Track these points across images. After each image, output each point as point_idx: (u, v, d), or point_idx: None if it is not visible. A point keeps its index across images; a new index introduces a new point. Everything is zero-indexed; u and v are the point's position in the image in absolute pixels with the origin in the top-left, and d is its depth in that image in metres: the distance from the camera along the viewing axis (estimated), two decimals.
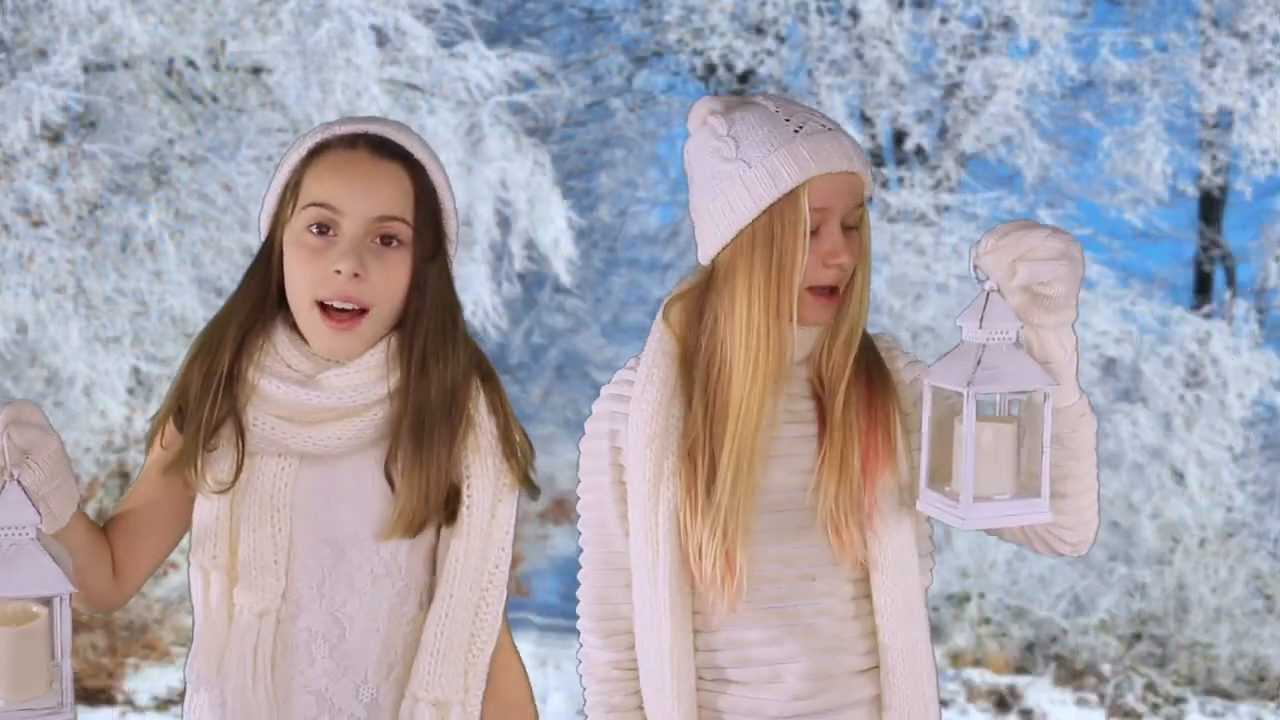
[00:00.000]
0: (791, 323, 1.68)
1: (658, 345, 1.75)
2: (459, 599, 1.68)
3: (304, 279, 1.64)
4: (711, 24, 10.50)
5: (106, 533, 1.66)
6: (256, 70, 7.87)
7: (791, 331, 1.69)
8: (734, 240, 1.69)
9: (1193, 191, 10.85)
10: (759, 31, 10.69)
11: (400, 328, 1.68)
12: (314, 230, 1.64)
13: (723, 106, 1.75)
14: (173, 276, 7.22)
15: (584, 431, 1.81)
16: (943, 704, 1.83)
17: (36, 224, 6.87)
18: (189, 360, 1.69)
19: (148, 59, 7.58)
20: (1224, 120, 10.54)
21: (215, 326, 1.69)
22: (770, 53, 10.66)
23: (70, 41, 6.96)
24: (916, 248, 9.94)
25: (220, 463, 1.65)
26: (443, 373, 1.67)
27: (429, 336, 1.67)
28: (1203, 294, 11.26)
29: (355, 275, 1.62)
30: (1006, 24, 10.28)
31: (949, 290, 9.85)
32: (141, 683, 7.27)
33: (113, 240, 7.18)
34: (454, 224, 1.75)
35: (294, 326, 1.68)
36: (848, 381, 1.72)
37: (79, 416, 7.14)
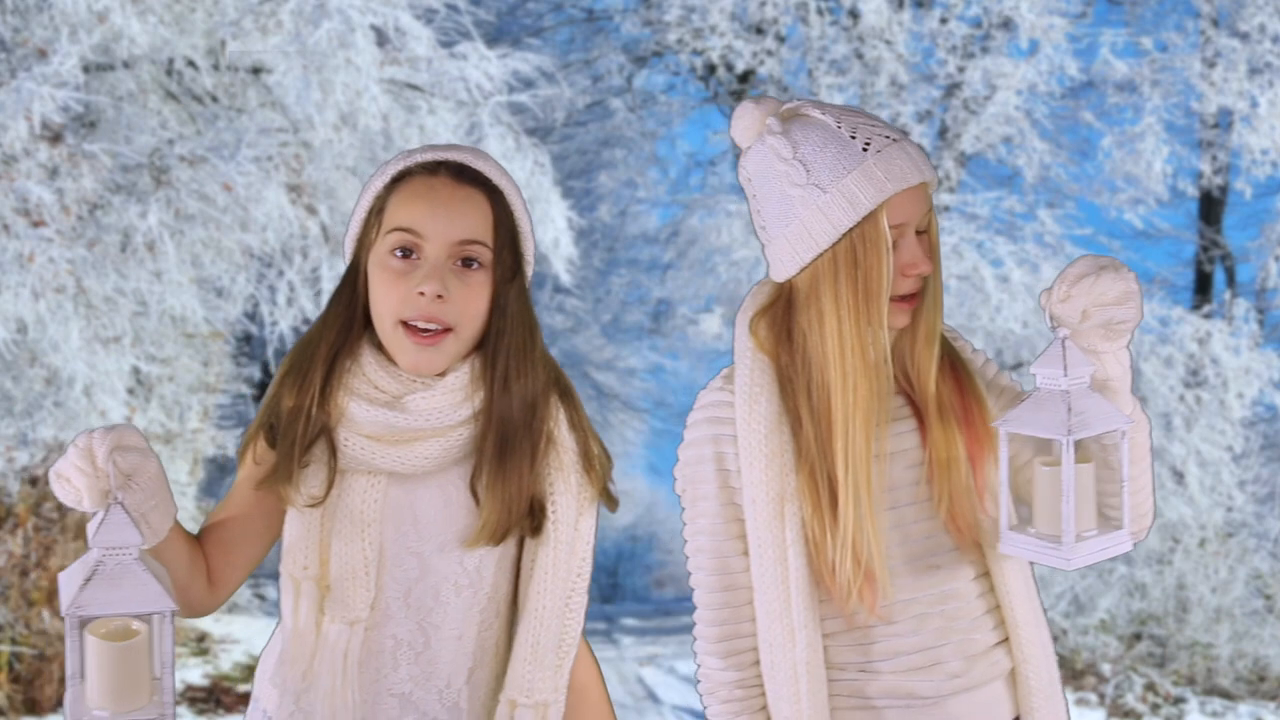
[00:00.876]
0: (885, 344, 1.74)
1: (753, 363, 1.77)
2: (549, 608, 1.76)
3: (389, 301, 1.71)
4: (711, 24, 10.50)
5: (201, 542, 1.74)
6: (256, 70, 7.87)
7: (884, 343, 1.74)
8: (813, 262, 1.72)
9: (1193, 191, 10.85)
10: (759, 31, 10.69)
11: (482, 348, 1.75)
12: (398, 254, 1.71)
13: (780, 125, 1.76)
14: (173, 276, 7.22)
15: (679, 457, 1.82)
16: None
17: (36, 224, 6.87)
18: (279, 379, 1.76)
19: (148, 59, 7.58)
20: (1224, 120, 10.54)
21: (305, 347, 1.76)
22: (770, 53, 10.66)
23: (70, 41, 6.96)
24: None
25: (313, 479, 1.72)
26: (524, 390, 1.75)
27: (510, 355, 1.74)
28: (1203, 294, 11.26)
29: (439, 296, 1.69)
30: (1006, 24, 10.29)
31: (949, 290, 9.85)
32: None
33: (113, 240, 7.18)
34: (531, 246, 1.81)
35: (380, 347, 1.75)
36: (934, 371, 1.78)
37: (79, 416, 7.14)
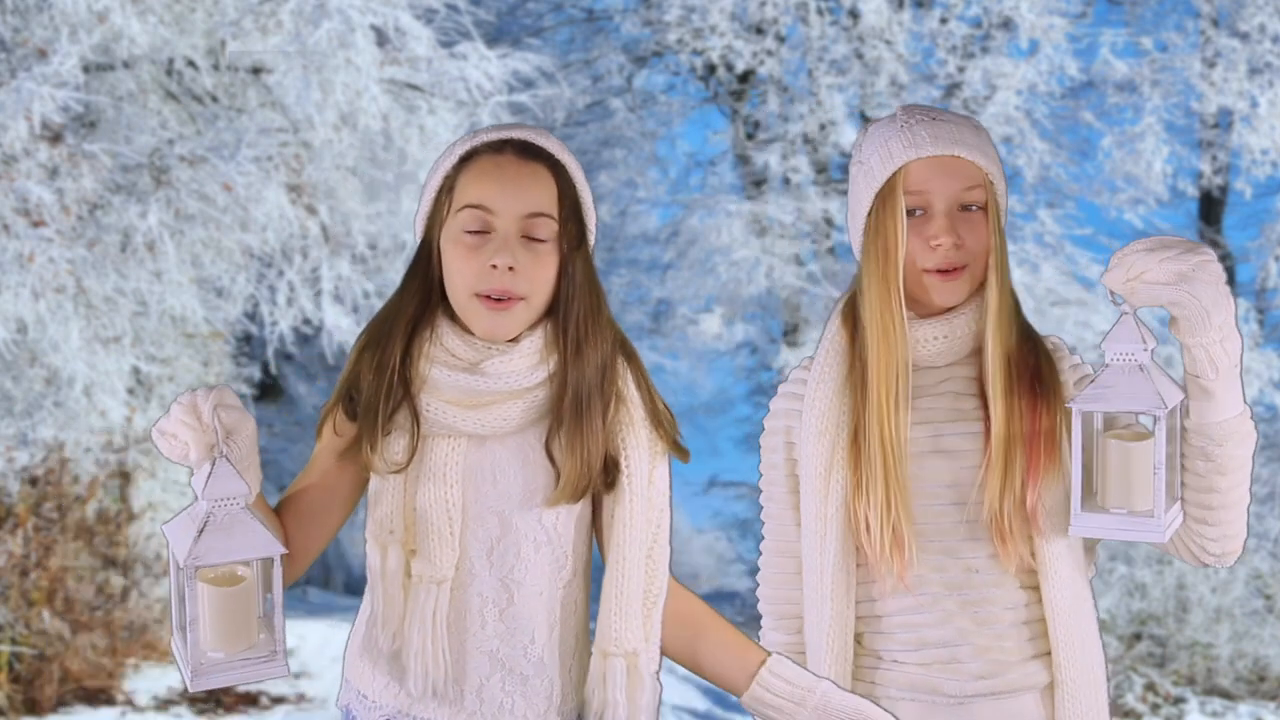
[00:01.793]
0: (899, 304, 1.80)
1: (830, 342, 1.89)
2: (631, 560, 1.82)
3: (463, 274, 1.79)
4: (711, 24, 10.50)
5: (279, 514, 1.81)
6: (256, 70, 7.87)
7: (900, 311, 1.80)
8: (863, 236, 1.86)
9: (1193, 191, 10.85)
10: (759, 31, 10.69)
11: (551, 314, 1.83)
12: (470, 230, 1.80)
13: (868, 124, 1.91)
14: (173, 276, 7.22)
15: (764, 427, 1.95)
16: None
17: (36, 224, 6.87)
18: (357, 352, 1.84)
19: (148, 59, 7.58)
20: (1224, 120, 10.54)
21: (381, 321, 1.84)
22: (770, 53, 10.66)
23: (70, 41, 6.96)
24: None
25: (396, 445, 1.80)
26: (595, 353, 1.82)
27: (579, 321, 1.82)
28: None
29: (510, 269, 1.78)
30: (1006, 24, 10.29)
31: None
32: (141, 683, 7.27)
33: (113, 240, 7.18)
34: (593, 217, 1.89)
35: (455, 319, 1.83)
36: (1010, 381, 1.80)
37: (79, 416, 7.14)
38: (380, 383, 1.80)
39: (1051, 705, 1.81)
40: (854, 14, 10.35)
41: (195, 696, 7.34)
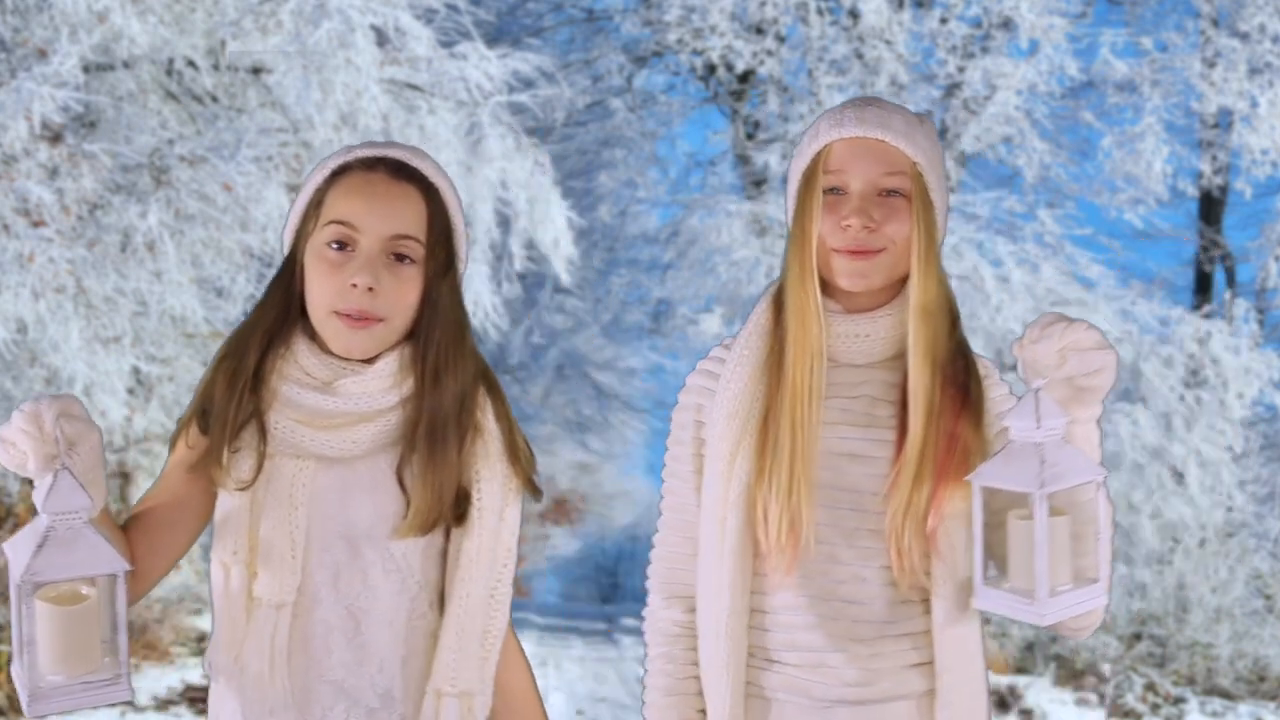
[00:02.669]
0: (814, 286, 1.77)
1: (754, 324, 1.84)
2: (474, 597, 1.79)
3: (323, 291, 1.76)
4: (711, 24, 10.49)
5: (126, 531, 1.74)
6: (256, 70, 7.87)
7: (815, 294, 1.77)
8: (790, 219, 1.84)
9: (1193, 191, 10.86)
10: (759, 31, 10.69)
11: (412, 339, 1.79)
12: (334, 246, 1.76)
13: None
14: (173, 276, 7.22)
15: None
16: None
17: (36, 224, 6.86)
18: (215, 364, 1.80)
19: (148, 59, 7.58)
20: (1224, 120, 10.54)
21: (241, 333, 1.80)
22: (770, 53, 10.65)
23: (70, 41, 6.96)
24: None
25: (243, 462, 1.75)
26: (454, 382, 1.78)
27: (440, 348, 1.78)
28: (1203, 294, 11.26)
29: (370, 289, 1.73)
30: (1006, 24, 10.29)
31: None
32: (141, 682, 7.27)
33: (113, 240, 7.17)
34: (464, 243, 1.85)
35: (313, 336, 1.79)
36: (933, 393, 1.75)
37: None
38: (230, 397, 1.75)
39: (930, 713, 1.77)
40: (854, 14, 10.35)
41: (195, 696, 7.33)
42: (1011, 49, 10.39)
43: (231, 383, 1.75)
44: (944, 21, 10.29)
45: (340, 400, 1.75)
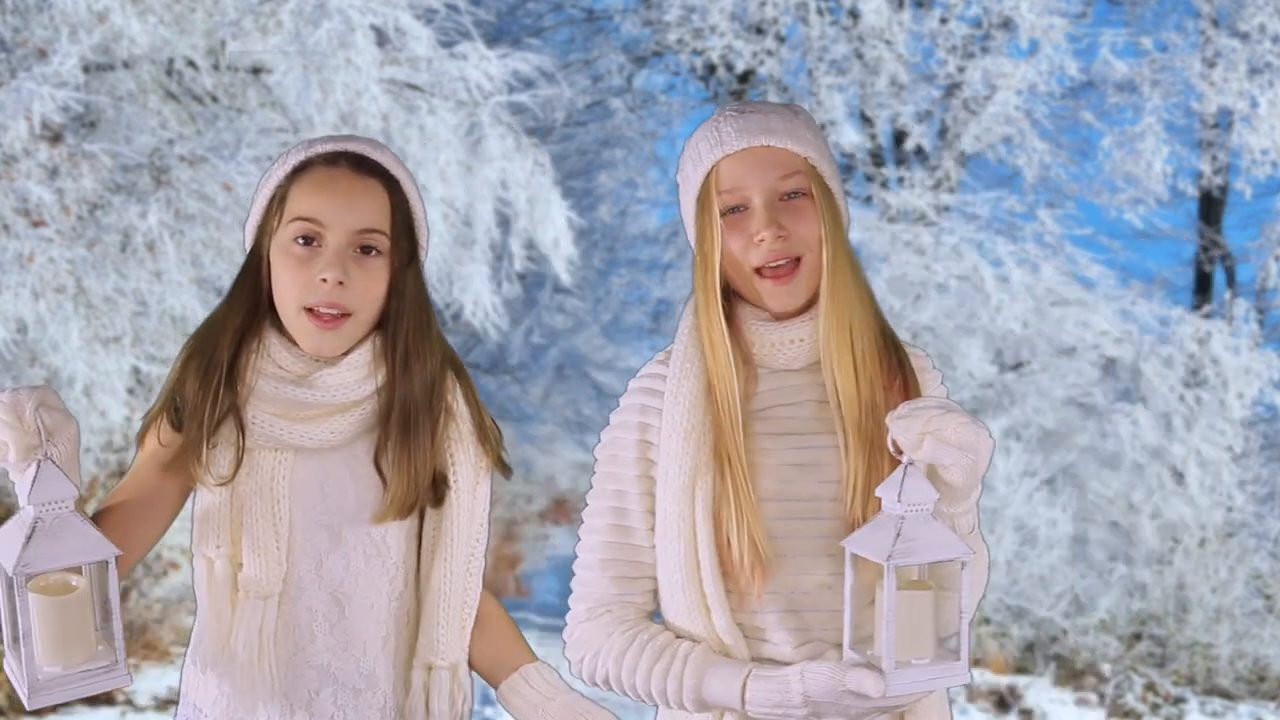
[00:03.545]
0: (718, 313, 1.73)
1: (689, 338, 1.78)
2: (455, 573, 1.85)
3: (292, 286, 1.78)
4: (711, 24, 10.50)
5: (99, 523, 1.71)
6: (256, 70, 7.87)
7: (719, 321, 1.73)
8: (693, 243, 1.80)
9: (1193, 191, 10.86)
10: (759, 31, 10.69)
11: (381, 329, 1.83)
12: (300, 242, 1.78)
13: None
14: (173, 276, 7.22)
15: (608, 422, 1.85)
16: None
17: (36, 224, 6.86)
18: (182, 361, 1.82)
19: (148, 59, 7.58)
20: (1224, 120, 10.54)
21: (209, 331, 1.82)
22: (770, 53, 10.65)
23: (70, 41, 6.96)
24: (916, 248, 9.94)
25: (221, 458, 1.78)
26: (423, 368, 1.83)
27: (409, 335, 1.82)
28: (1203, 294, 11.26)
29: (339, 283, 1.76)
30: (1006, 24, 10.29)
31: (949, 290, 9.85)
32: (141, 682, 7.26)
33: (113, 240, 7.17)
34: (425, 233, 1.88)
35: (283, 331, 1.82)
36: (866, 392, 1.71)
37: (79, 416, 7.13)
38: (206, 394, 1.77)
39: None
40: (854, 14, 10.35)
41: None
42: (1011, 49, 10.39)
43: (205, 380, 1.78)
44: (944, 21, 10.29)
45: (318, 393, 1.78)
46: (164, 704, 7.08)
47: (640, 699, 1.78)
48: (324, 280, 1.76)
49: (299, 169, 1.82)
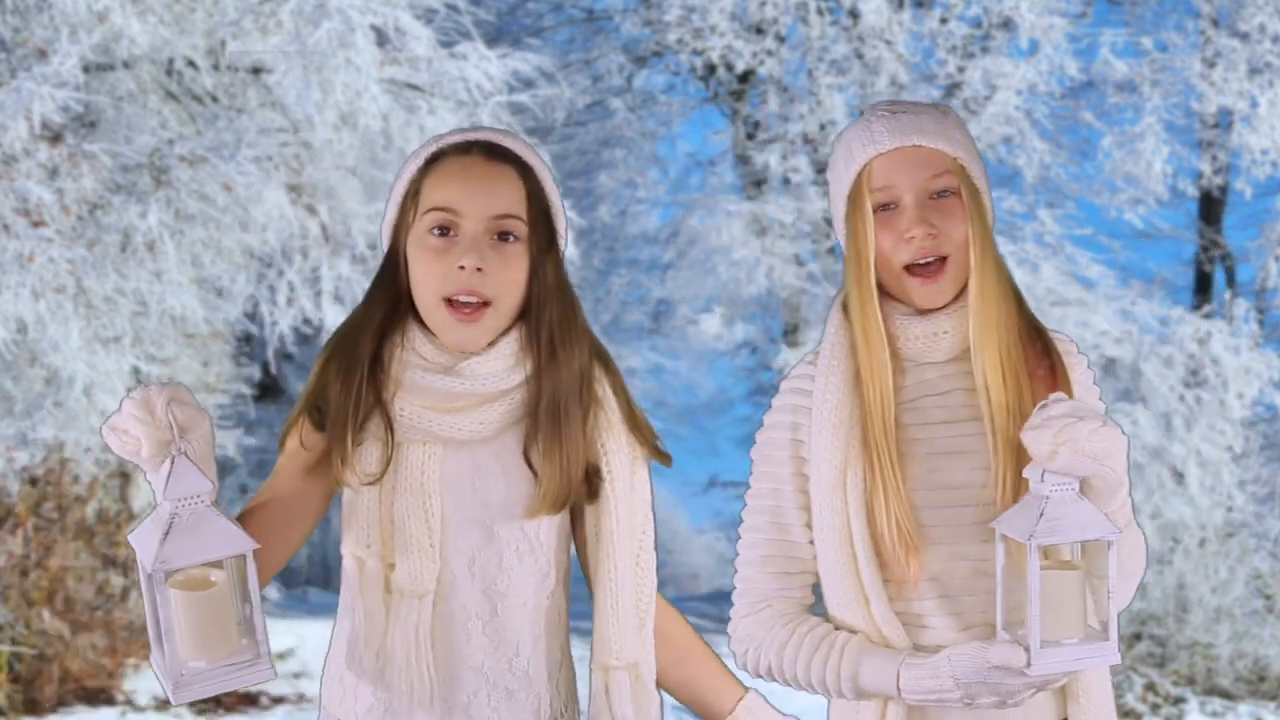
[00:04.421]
0: (874, 308, 1.78)
1: (835, 337, 1.84)
2: (622, 569, 1.78)
3: (431, 277, 1.74)
4: (711, 24, 10.50)
5: (243, 523, 1.68)
6: (256, 70, 7.87)
7: (875, 315, 1.78)
8: (843, 241, 1.85)
9: (1193, 191, 10.86)
10: (759, 31, 10.69)
11: (524, 318, 1.78)
12: (436, 232, 1.75)
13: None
14: (173, 276, 7.22)
15: (763, 423, 1.88)
16: None
17: (36, 224, 6.87)
18: (322, 363, 1.78)
19: (148, 59, 7.58)
20: (1224, 120, 10.54)
21: (349, 331, 1.78)
22: (770, 53, 10.65)
23: (70, 41, 6.96)
24: None
25: (368, 456, 1.73)
26: (570, 357, 1.77)
27: (553, 325, 1.77)
28: (1203, 294, 11.26)
29: (478, 270, 1.72)
30: (1006, 24, 10.29)
31: None
32: (141, 683, 7.26)
33: (113, 240, 7.18)
34: (564, 221, 1.84)
35: (425, 326, 1.77)
36: (1012, 385, 1.76)
37: (79, 416, 7.14)
38: (349, 391, 1.73)
39: (1064, 702, 1.78)
40: (854, 14, 10.35)
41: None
42: (1011, 49, 10.39)
43: (348, 378, 1.73)
44: (944, 21, 10.29)
45: (467, 381, 1.73)
46: (164, 704, 7.08)
47: (803, 689, 1.83)
48: (462, 268, 1.72)
49: (431, 160, 1.79)
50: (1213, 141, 10.57)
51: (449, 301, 1.74)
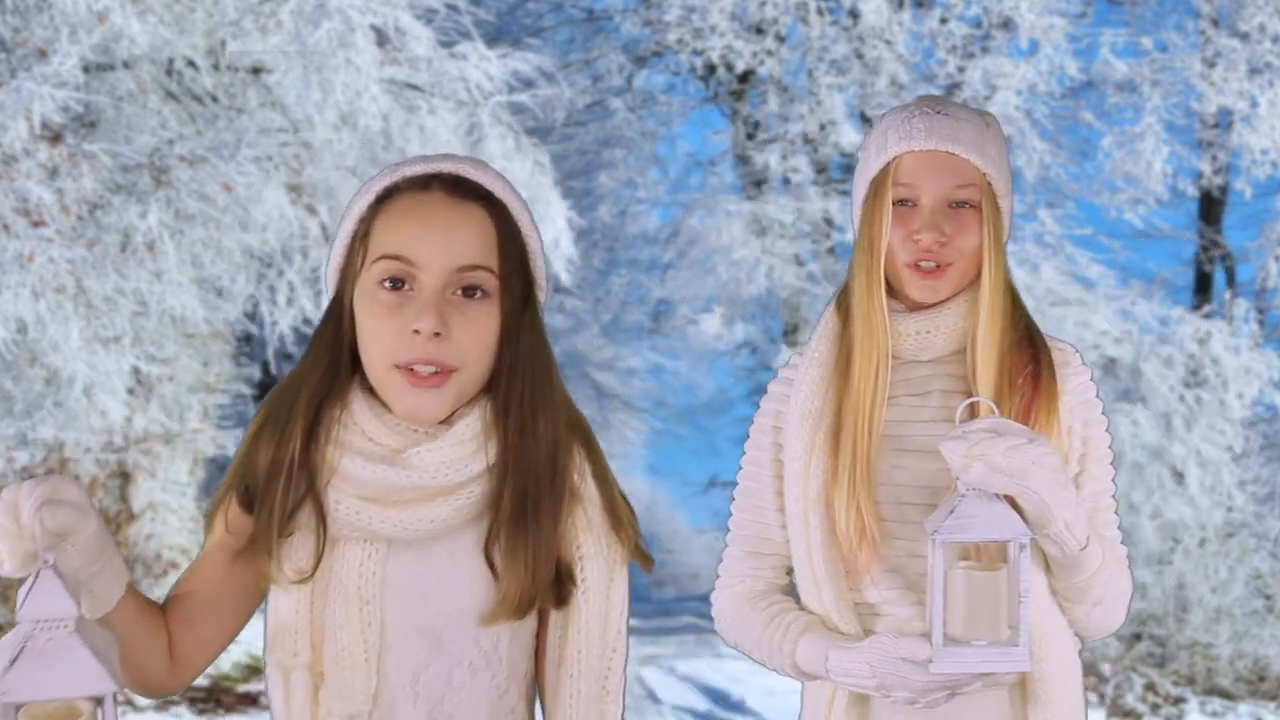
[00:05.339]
0: (881, 295, 1.79)
1: (823, 329, 1.87)
2: (584, 692, 1.52)
3: (380, 341, 1.47)
4: (711, 24, 10.50)
5: (165, 613, 1.51)
6: (256, 70, 7.87)
7: (881, 303, 1.79)
8: (857, 224, 1.86)
9: (1193, 191, 10.86)
10: (759, 31, 10.69)
11: (491, 390, 1.51)
12: (387, 285, 1.47)
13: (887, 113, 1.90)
14: (173, 276, 7.22)
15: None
16: None
17: (36, 224, 6.87)
18: (254, 433, 1.52)
19: (148, 59, 7.58)
20: (1224, 120, 10.55)
21: (283, 395, 1.52)
22: (770, 53, 10.66)
23: (70, 41, 6.96)
24: None
25: (299, 550, 1.48)
26: (543, 438, 1.50)
27: (525, 398, 1.50)
28: (1203, 294, 11.26)
29: (436, 334, 1.45)
30: (1006, 24, 10.29)
31: None
32: None
33: (113, 240, 7.18)
34: (543, 268, 1.57)
35: (373, 393, 1.51)
36: (1001, 385, 1.76)
37: (79, 416, 7.14)
38: (278, 474, 1.47)
39: (1023, 702, 1.76)
40: (854, 14, 10.36)
41: (195, 696, 7.33)
42: (1011, 49, 10.39)
43: (276, 457, 1.48)
44: (944, 21, 10.30)
45: (413, 474, 1.46)
46: (163, 704, 7.08)
47: (760, 663, 1.89)
48: (417, 331, 1.44)
49: (384, 196, 1.52)
50: (1213, 141, 10.57)
51: (402, 368, 1.47)
